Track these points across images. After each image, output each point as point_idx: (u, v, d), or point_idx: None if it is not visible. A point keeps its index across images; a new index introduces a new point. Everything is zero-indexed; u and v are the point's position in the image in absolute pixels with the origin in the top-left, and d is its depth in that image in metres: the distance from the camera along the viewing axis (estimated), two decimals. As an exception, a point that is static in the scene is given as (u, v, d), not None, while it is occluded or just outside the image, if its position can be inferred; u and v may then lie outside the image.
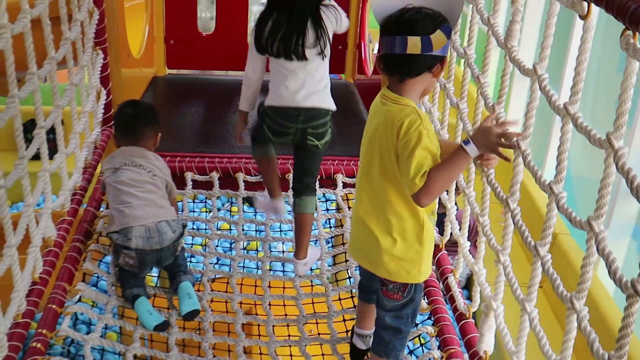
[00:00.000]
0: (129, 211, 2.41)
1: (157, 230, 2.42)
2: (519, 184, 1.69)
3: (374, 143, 1.85)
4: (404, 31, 1.74)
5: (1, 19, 1.83)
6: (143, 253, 2.41)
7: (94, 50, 2.91)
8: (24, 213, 2.09)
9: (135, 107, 2.67)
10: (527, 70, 1.63)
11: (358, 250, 2.01)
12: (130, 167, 2.51)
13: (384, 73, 1.85)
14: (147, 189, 2.48)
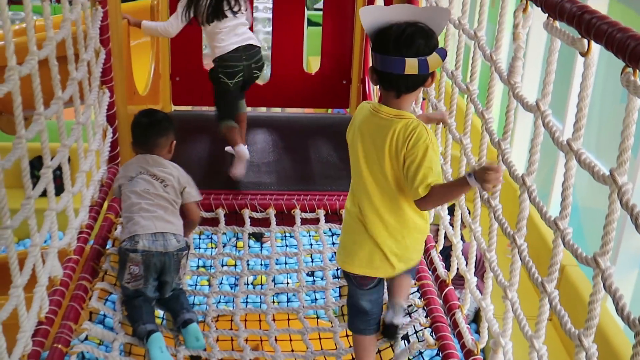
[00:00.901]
0: (138, 220, 2.53)
1: (162, 236, 2.53)
2: (525, 219, 1.69)
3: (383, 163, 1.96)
4: (402, 53, 1.85)
5: (10, 61, 1.86)
6: (149, 255, 2.49)
7: (101, 88, 2.94)
8: (31, 252, 2.10)
9: (150, 117, 2.77)
10: (531, 106, 1.64)
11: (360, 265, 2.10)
12: (145, 176, 2.63)
13: (380, 88, 1.97)
14: (157, 203, 2.59)
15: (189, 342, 2.47)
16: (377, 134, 1.96)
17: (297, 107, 4.71)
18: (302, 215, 3.16)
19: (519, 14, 1.73)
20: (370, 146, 1.99)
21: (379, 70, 1.90)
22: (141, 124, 2.74)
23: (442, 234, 2.59)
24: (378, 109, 1.97)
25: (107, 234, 2.92)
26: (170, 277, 2.57)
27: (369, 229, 2.05)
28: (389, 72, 1.88)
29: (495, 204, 1.88)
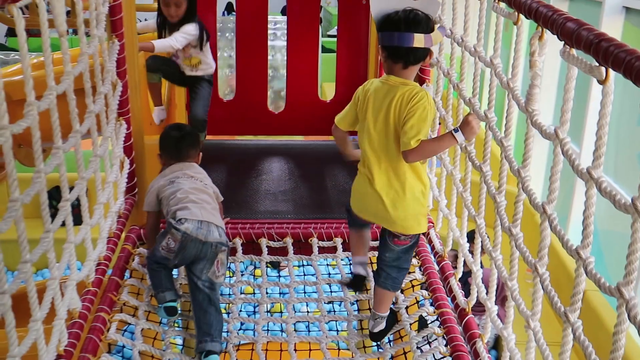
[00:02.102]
0: (189, 206, 2.69)
1: (207, 225, 2.67)
2: (546, 248, 1.67)
3: (389, 120, 2.31)
4: (411, 29, 2.24)
5: (29, 97, 1.87)
6: (188, 238, 2.62)
7: (118, 120, 2.96)
8: (50, 286, 2.10)
9: (180, 130, 3.00)
10: (549, 134, 1.62)
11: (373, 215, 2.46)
12: (185, 178, 2.82)
13: (389, 61, 2.33)
14: (203, 198, 2.77)
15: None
16: (386, 97, 2.32)
17: (312, 134, 4.71)
18: (320, 244, 3.15)
19: (534, 41, 1.73)
20: (379, 108, 2.34)
21: (391, 45, 2.28)
22: (173, 137, 2.94)
23: (462, 262, 2.56)
24: (387, 78, 2.36)
25: (124, 265, 2.93)
26: (202, 266, 2.66)
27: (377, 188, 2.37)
28: (400, 45, 2.26)
29: (517, 232, 1.87)
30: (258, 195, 3.58)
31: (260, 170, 3.95)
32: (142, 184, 3.26)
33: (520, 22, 1.87)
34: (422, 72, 2.95)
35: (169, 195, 2.75)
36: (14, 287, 1.82)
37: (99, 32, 2.61)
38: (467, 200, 2.42)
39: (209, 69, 3.92)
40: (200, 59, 3.85)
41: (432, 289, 2.72)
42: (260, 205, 3.52)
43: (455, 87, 2.50)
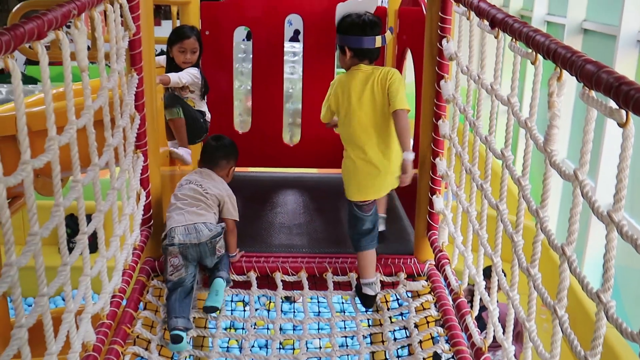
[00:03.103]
0: (172, 216, 2.97)
1: (194, 228, 2.91)
2: (566, 290, 1.66)
3: (374, 96, 2.87)
4: (374, 34, 2.89)
5: (50, 132, 1.89)
6: (184, 247, 2.88)
7: (135, 153, 2.97)
8: (65, 319, 2.10)
9: (218, 141, 3.30)
10: (568, 175, 1.62)
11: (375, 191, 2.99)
12: (191, 185, 3.07)
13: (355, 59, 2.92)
14: (190, 203, 2.99)
15: (208, 298, 2.90)
16: (367, 81, 2.87)
17: (327, 167, 4.72)
18: (335, 279, 3.14)
19: (553, 82, 1.73)
20: (361, 92, 2.87)
21: (357, 47, 2.89)
22: (210, 145, 3.27)
23: (477, 299, 2.54)
24: (359, 67, 2.92)
25: (139, 297, 2.93)
26: (209, 261, 2.97)
27: (371, 159, 2.89)
28: (369, 47, 2.89)
29: (535, 272, 1.85)
30: (273, 229, 3.58)
31: (275, 203, 3.95)
32: (158, 216, 3.27)
33: (538, 62, 1.87)
34: (438, 107, 2.96)
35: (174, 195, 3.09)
36: (31, 321, 1.82)
37: (118, 66, 2.64)
38: (483, 238, 2.41)
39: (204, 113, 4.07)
40: (194, 104, 3.99)
41: (448, 326, 2.70)
42: (275, 238, 3.52)
43: (472, 124, 2.50)
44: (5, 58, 1.58)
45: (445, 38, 2.84)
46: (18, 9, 3.78)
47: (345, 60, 2.97)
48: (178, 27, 3.97)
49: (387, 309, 3.04)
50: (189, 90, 3.93)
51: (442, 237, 3.05)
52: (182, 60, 3.88)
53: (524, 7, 9.82)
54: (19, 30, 1.64)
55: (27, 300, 6.61)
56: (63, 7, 1.97)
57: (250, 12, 4.41)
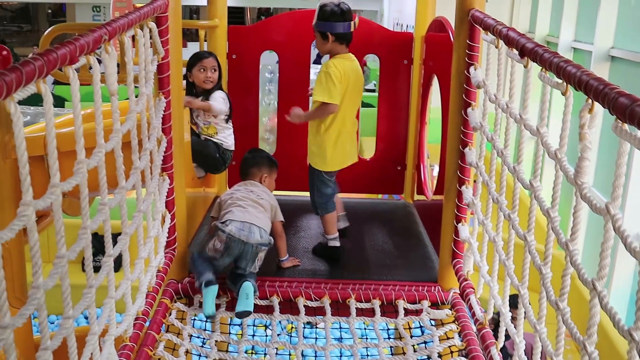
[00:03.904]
0: (232, 210, 3.13)
1: (249, 227, 3.06)
2: (596, 325, 1.63)
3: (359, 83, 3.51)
4: (349, 19, 3.38)
5: (80, 155, 1.91)
6: (232, 239, 3.02)
7: (161, 175, 2.99)
8: (89, 341, 2.10)
9: (252, 153, 3.63)
10: (600, 209, 1.60)
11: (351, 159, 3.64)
12: (243, 191, 3.28)
13: (336, 43, 3.40)
14: (250, 204, 3.17)
15: (239, 303, 2.97)
16: (358, 69, 3.48)
17: (350, 192, 4.71)
18: (357, 305, 3.11)
19: (584, 114, 1.71)
20: (358, 78, 3.47)
21: (338, 32, 3.36)
22: (246, 158, 3.55)
23: (503, 330, 2.51)
24: (348, 56, 3.44)
25: (161, 320, 2.93)
26: (244, 263, 3.05)
27: (351, 133, 3.53)
28: (347, 31, 3.37)
29: (564, 306, 1.82)
30: (296, 253, 3.57)
31: (299, 227, 3.94)
32: (182, 238, 3.27)
33: (569, 93, 1.86)
34: (465, 135, 2.94)
35: (223, 203, 3.22)
36: (56, 344, 1.83)
37: (147, 90, 2.67)
38: (510, 268, 2.38)
39: (223, 142, 3.96)
40: (217, 130, 3.92)
41: (472, 357, 2.66)
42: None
43: (499, 153, 2.48)
44: (38, 82, 1.60)
45: (472, 66, 2.83)
46: (50, 32, 3.82)
47: (326, 44, 3.41)
48: (195, 52, 3.97)
49: (410, 336, 3.01)
50: (213, 115, 3.90)
51: (467, 265, 3.02)
52: (203, 79, 3.83)
53: (550, 33, 9.79)
54: (52, 56, 1.66)
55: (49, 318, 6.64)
56: (95, 33, 1.99)
57: (276, 37, 4.44)
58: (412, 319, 3.07)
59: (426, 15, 4.37)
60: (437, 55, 4.00)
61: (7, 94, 1.43)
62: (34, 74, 1.55)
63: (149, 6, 2.70)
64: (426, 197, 4.28)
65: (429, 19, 4.30)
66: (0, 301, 1.49)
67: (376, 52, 4.46)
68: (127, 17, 2.41)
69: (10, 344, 1.53)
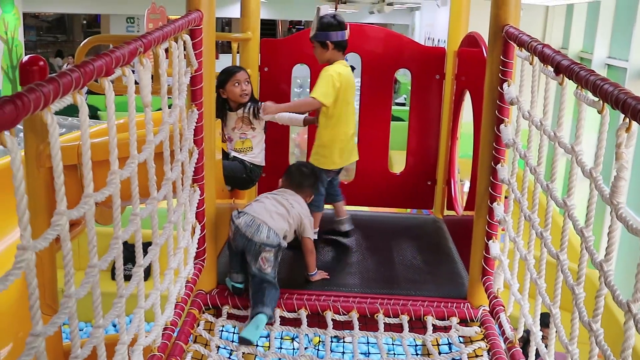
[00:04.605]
0: (253, 204, 3.22)
1: (257, 225, 3.08)
2: (630, 349, 1.60)
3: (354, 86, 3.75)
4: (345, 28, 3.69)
5: (113, 166, 1.92)
6: (238, 232, 3.10)
7: (192, 187, 3.00)
8: (119, 350, 2.12)
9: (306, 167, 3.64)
10: (636, 230, 1.57)
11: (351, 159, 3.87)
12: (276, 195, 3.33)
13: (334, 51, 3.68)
14: (274, 203, 3.22)
15: (247, 328, 2.97)
16: (351, 73, 3.71)
17: (380, 206, 4.70)
18: (385, 320, 3.09)
19: (621, 132, 1.69)
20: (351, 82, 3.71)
21: (337, 40, 3.64)
22: (300, 172, 3.56)
23: (534, 351, 2.48)
24: (344, 63, 3.71)
25: (189, 330, 2.94)
26: (249, 258, 3.09)
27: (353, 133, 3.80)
28: (343, 39, 3.66)
29: (597, 327, 1.80)
30: (325, 267, 3.56)
31: (328, 241, 3.94)
32: (211, 249, 3.29)
33: (605, 111, 1.83)
34: (497, 151, 2.92)
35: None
36: (87, 352, 1.84)
37: (180, 102, 2.69)
38: (541, 287, 2.35)
39: (254, 159, 3.97)
40: (252, 145, 3.93)
41: (501, 376, 2.63)
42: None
43: (532, 170, 2.46)
44: (75, 94, 1.62)
45: (506, 82, 2.81)
46: (85, 44, 3.88)
47: (325, 53, 3.68)
48: (224, 68, 3.98)
49: (439, 353, 2.98)
50: (251, 127, 3.92)
51: (498, 283, 2.99)
52: (239, 92, 3.84)
53: (583, 49, 9.70)
54: (89, 68, 1.68)
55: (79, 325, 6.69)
56: (130, 45, 2.02)
57: (308, 50, 4.45)
58: (440, 335, 3.04)
59: (459, 30, 4.35)
60: (470, 70, 3.98)
61: (44, 105, 1.45)
62: (70, 86, 1.57)
63: (184, 19, 2.72)
64: (456, 212, 4.25)
65: (461, 33, 4.29)
66: (33, 310, 1.50)
67: (407, 66, 4.45)
68: (162, 29, 2.43)
69: (42, 352, 1.54)
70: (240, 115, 3.89)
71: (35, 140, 2.80)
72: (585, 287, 1.93)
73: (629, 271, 1.84)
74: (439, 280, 3.46)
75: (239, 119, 3.90)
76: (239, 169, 3.92)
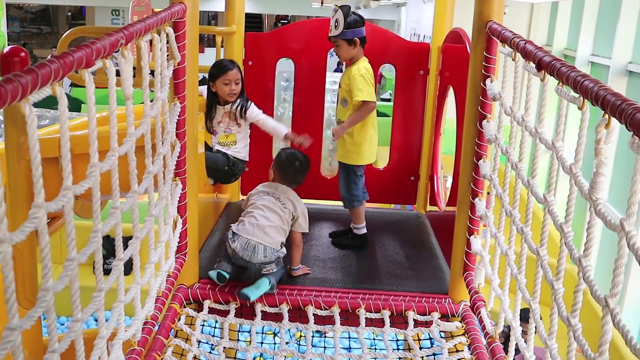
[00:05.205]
0: (244, 221, 3.21)
1: (253, 247, 3.12)
2: (608, 343, 1.61)
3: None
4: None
5: (93, 159, 1.91)
6: (236, 255, 3.16)
7: (174, 180, 2.99)
8: (97, 345, 2.10)
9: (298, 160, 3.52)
10: (614, 225, 1.58)
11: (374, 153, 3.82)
12: (270, 197, 3.30)
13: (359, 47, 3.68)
14: (267, 215, 3.21)
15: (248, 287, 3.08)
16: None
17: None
18: (367, 315, 3.10)
19: (601, 129, 1.69)
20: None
21: (362, 37, 3.65)
22: (293, 165, 3.48)
23: (513, 345, 2.49)
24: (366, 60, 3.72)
25: (170, 325, 2.92)
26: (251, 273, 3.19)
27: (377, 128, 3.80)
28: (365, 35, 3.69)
29: (575, 322, 1.80)
30: (307, 261, 3.56)
31: (310, 236, 3.93)
32: (193, 243, 3.27)
33: (585, 107, 1.84)
34: (479, 147, 2.93)
35: (249, 199, 3.34)
36: (64, 346, 1.83)
37: (162, 95, 2.67)
38: (521, 283, 2.36)
39: (237, 154, 3.99)
40: (236, 139, 3.94)
41: (481, 371, 2.64)
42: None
43: (514, 166, 2.47)
44: (54, 85, 1.60)
45: (489, 78, 2.81)
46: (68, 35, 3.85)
47: (351, 50, 3.66)
48: (218, 61, 3.98)
49: (420, 348, 2.99)
50: (237, 124, 3.91)
51: (479, 278, 3.00)
52: (228, 92, 3.85)
53: (567, 47, 9.75)
54: (68, 59, 1.67)
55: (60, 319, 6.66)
56: (111, 37, 2.00)
57: (293, 44, 4.44)
58: (421, 330, 3.05)
59: (443, 26, 4.36)
60: (454, 66, 3.99)
61: (22, 96, 1.43)
62: (49, 77, 1.56)
63: (167, 11, 2.71)
64: (439, 208, 4.26)
65: (446, 29, 4.29)
66: (10, 303, 1.49)
67: (392, 61, 4.45)
68: (145, 21, 2.41)
69: (18, 346, 1.52)
70: (228, 110, 3.89)
71: (16, 132, 2.77)
72: (566, 282, 1.94)
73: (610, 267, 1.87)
74: (421, 276, 3.47)
75: (226, 113, 3.90)
76: (221, 161, 3.92)
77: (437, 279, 3.44)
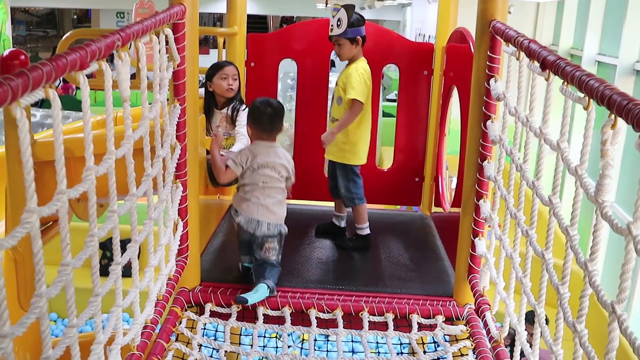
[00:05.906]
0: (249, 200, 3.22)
1: (256, 222, 3.19)
2: (614, 350, 1.57)
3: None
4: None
5: (88, 162, 1.87)
6: (241, 229, 3.24)
7: (174, 183, 2.95)
8: (94, 350, 2.07)
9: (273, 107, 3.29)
10: (621, 229, 1.53)
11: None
12: (267, 170, 3.22)
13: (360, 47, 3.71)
14: (268, 194, 3.22)
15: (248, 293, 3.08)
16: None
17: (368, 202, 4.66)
18: (370, 318, 3.06)
19: (607, 129, 1.65)
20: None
21: (364, 35, 3.67)
22: (267, 114, 3.25)
23: (518, 350, 2.45)
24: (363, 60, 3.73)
25: (171, 328, 2.89)
26: (254, 248, 3.23)
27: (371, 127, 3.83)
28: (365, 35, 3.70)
29: (581, 328, 1.76)
30: (309, 264, 3.53)
31: (313, 238, 3.90)
32: (194, 246, 3.24)
33: (591, 107, 1.80)
34: (484, 148, 2.88)
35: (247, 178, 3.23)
36: (59, 353, 1.80)
37: (161, 97, 2.64)
38: (526, 286, 2.32)
39: None
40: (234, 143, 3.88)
41: (486, 375, 2.60)
42: (311, 274, 3.46)
43: (518, 167, 2.42)
44: (46, 88, 1.57)
45: (493, 78, 2.77)
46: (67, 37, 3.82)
47: (353, 50, 3.67)
48: (214, 63, 3.95)
49: (424, 352, 2.94)
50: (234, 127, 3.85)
51: (483, 281, 2.96)
52: (226, 87, 3.80)
53: (574, 46, 9.69)
54: (61, 61, 1.63)
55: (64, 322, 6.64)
56: (107, 39, 1.96)
57: (295, 45, 4.41)
58: (425, 334, 3.00)
59: (447, 25, 4.32)
60: (458, 66, 3.95)
61: (12, 99, 1.40)
62: (41, 79, 1.52)
63: (166, 12, 2.67)
64: (443, 209, 4.22)
65: (450, 29, 4.25)
66: (1, 309, 1.45)
67: (396, 62, 4.41)
68: (143, 23, 2.38)
69: (9, 353, 1.49)
70: (224, 114, 3.86)
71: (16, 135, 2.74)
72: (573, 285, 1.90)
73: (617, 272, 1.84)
74: (425, 278, 3.43)
75: (223, 117, 3.87)
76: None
77: (441, 282, 3.39)
